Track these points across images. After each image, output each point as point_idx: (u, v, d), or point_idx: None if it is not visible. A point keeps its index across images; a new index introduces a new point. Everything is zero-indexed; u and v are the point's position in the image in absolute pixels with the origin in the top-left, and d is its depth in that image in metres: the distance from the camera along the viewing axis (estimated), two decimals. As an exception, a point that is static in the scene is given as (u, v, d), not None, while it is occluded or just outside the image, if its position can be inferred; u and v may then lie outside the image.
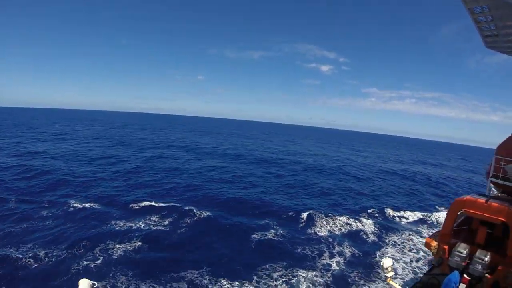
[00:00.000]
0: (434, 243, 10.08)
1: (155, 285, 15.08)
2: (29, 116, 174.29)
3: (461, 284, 7.06)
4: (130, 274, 15.93)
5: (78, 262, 16.73)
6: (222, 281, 15.61)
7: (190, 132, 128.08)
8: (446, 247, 9.73)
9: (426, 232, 25.61)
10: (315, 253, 19.96)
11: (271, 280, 16.04)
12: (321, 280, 16.63)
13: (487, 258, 8.30)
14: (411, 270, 18.89)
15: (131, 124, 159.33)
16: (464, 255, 8.55)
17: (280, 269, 17.34)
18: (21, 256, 16.98)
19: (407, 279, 17.48)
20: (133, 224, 22.07)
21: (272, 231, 22.67)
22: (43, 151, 49.19)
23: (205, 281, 15.49)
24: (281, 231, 22.73)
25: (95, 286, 4.53)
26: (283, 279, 16.15)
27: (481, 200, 9.38)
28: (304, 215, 26.61)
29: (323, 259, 19.27)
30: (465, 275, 7.50)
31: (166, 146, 68.15)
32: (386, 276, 8.79)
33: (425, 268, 18.80)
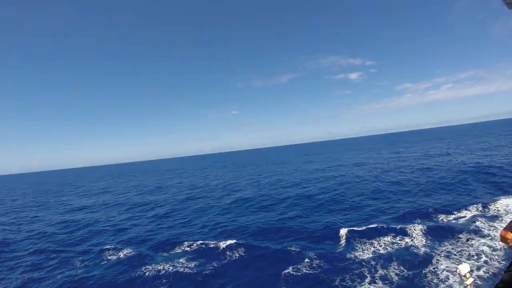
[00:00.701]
0: (511, 235, 8.40)
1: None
2: (74, 176, 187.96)
3: None
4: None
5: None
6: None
7: (228, 167, 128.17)
8: None
9: (487, 229, 21.43)
10: (356, 282, 17.08)
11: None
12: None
13: None
14: (473, 280, 15.56)
15: (173, 169, 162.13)
16: None
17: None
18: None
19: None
20: (161, 267, 21.26)
21: (307, 261, 20.19)
22: (85, 206, 51.86)
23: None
24: (317, 261, 20.11)
25: None
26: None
27: None
28: (343, 237, 23.75)
29: (364, 286, 16.41)
30: None
31: (203, 185, 68.18)
32: (465, 284, 7.41)
33: (488, 277, 15.56)
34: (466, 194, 32.02)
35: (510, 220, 10.28)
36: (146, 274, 20.72)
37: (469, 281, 7.42)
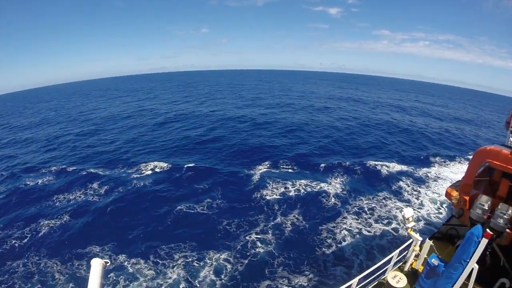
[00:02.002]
0: (455, 193, 9.73)
1: (58, 263, 14.52)
2: (32, 96, 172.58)
3: (483, 238, 6.30)
4: (44, 253, 15.42)
5: (6, 242, 16.61)
6: (120, 257, 14.54)
7: (180, 86, 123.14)
8: (467, 198, 9.34)
9: (408, 193, 20.45)
10: (243, 228, 16.42)
11: (172, 261, 14.08)
12: (230, 267, 13.52)
13: (509, 212, 7.79)
14: (369, 249, 14.56)
15: (127, 89, 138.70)
16: (486, 208, 8.19)
17: (188, 249, 14.87)
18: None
19: (357, 262, 13.82)
20: (72, 196, 21.52)
21: (208, 200, 19.52)
22: (27, 127, 51.12)
23: (106, 256, 14.68)
24: (219, 200, 19.45)
25: (107, 265, 4.38)
26: (187, 260, 13.96)
27: (506, 151, 8.47)
28: (257, 175, 22.87)
29: (249, 236, 15.62)
30: (487, 230, 6.66)
31: (146, 105, 64.77)
32: (407, 227, 8.41)
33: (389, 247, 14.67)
34: (398, 152, 30.36)
35: (457, 180, 10.83)
36: (57, 204, 20.80)
37: (410, 224, 8.36)
